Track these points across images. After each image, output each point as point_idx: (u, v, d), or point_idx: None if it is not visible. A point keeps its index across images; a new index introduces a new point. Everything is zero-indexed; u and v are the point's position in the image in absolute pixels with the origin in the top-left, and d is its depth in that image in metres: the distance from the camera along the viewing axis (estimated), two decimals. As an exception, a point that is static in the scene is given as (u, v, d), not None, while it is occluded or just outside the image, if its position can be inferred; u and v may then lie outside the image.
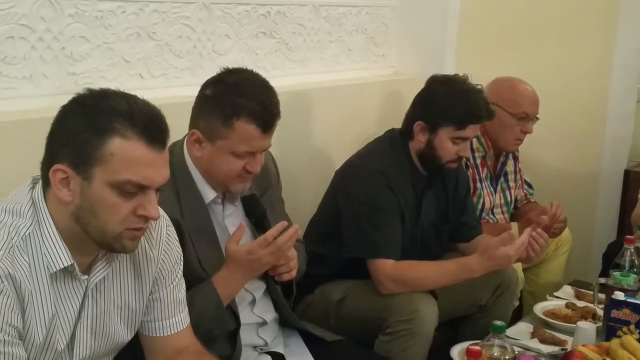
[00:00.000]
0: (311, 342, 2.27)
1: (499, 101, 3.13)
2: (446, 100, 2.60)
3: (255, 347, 2.20)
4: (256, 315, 2.20)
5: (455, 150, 2.62)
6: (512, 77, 3.24)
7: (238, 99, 1.99)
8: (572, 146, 3.95)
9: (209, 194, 2.10)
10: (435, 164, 2.65)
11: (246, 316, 2.15)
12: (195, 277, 1.97)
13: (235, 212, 2.17)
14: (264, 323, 2.21)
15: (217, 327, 2.03)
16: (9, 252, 1.45)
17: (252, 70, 2.12)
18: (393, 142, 2.71)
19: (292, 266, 2.10)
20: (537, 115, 3.17)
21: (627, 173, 3.94)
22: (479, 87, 2.69)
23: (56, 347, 1.56)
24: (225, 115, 1.99)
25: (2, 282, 1.43)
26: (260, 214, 2.13)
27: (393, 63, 3.59)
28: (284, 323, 2.30)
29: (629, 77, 3.87)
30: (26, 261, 1.48)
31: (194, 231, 2.01)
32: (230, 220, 2.15)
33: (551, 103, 3.50)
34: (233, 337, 2.10)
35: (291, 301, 2.29)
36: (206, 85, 2.08)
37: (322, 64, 3.19)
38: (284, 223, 2.00)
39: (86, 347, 1.63)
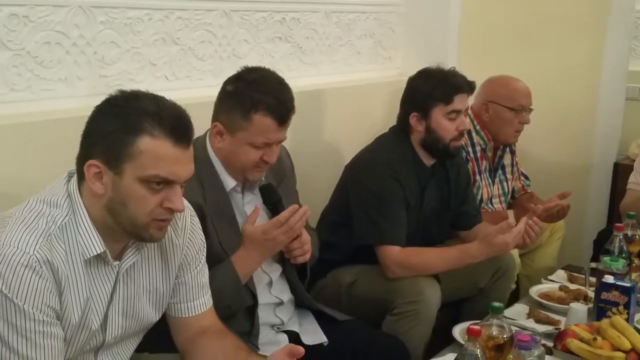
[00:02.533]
0: (324, 321, 2.27)
1: (495, 98, 3.14)
2: (426, 85, 2.63)
3: (272, 326, 2.21)
4: (274, 295, 2.21)
5: (455, 127, 2.61)
6: (502, 75, 3.22)
7: (256, 94, 2.00)
8: (565, 141, 3.93)
9: (229, 182, 2.11)
10: (441, 146, 2.63)
11: (264, 296, 2.17)
12: (216, 257, 1.98)
13: (254, 199, 2.18)
14: (280, 303, 2.22)
15: (234, 303, 2.05)
16: (47, 240, 1.47)
17: (269, 69, 2.13)
18: (397, 137, 2.71)
19: (306, 249, 2.13)
20: (531, 107, 3.16)
21: (616, 165, 3.92)
22: (451, 68, 2.70)
23: (90, 326, 1.57)
24: (245, 109, 2.00)
25: (41, 267, 1.44)
26: (276, 201, 2.14)
27: (398, 65, 3.58)
28: (299, 304, 2.31)
29: (618, 77, 3.84)
30: (63, 248, 1.49)
31: (216, 215, 2.03)
32: (250, 207, 2.15)
33: (546, 101, 3.49)
34: (251, 314, 2.11)
35: (305, 284, 2.29)
36: (227, 82, 2.10)
37: (333, 66, 3.19)
38: (295, 206, 2.03)
39: (118, 327, 1.65)
